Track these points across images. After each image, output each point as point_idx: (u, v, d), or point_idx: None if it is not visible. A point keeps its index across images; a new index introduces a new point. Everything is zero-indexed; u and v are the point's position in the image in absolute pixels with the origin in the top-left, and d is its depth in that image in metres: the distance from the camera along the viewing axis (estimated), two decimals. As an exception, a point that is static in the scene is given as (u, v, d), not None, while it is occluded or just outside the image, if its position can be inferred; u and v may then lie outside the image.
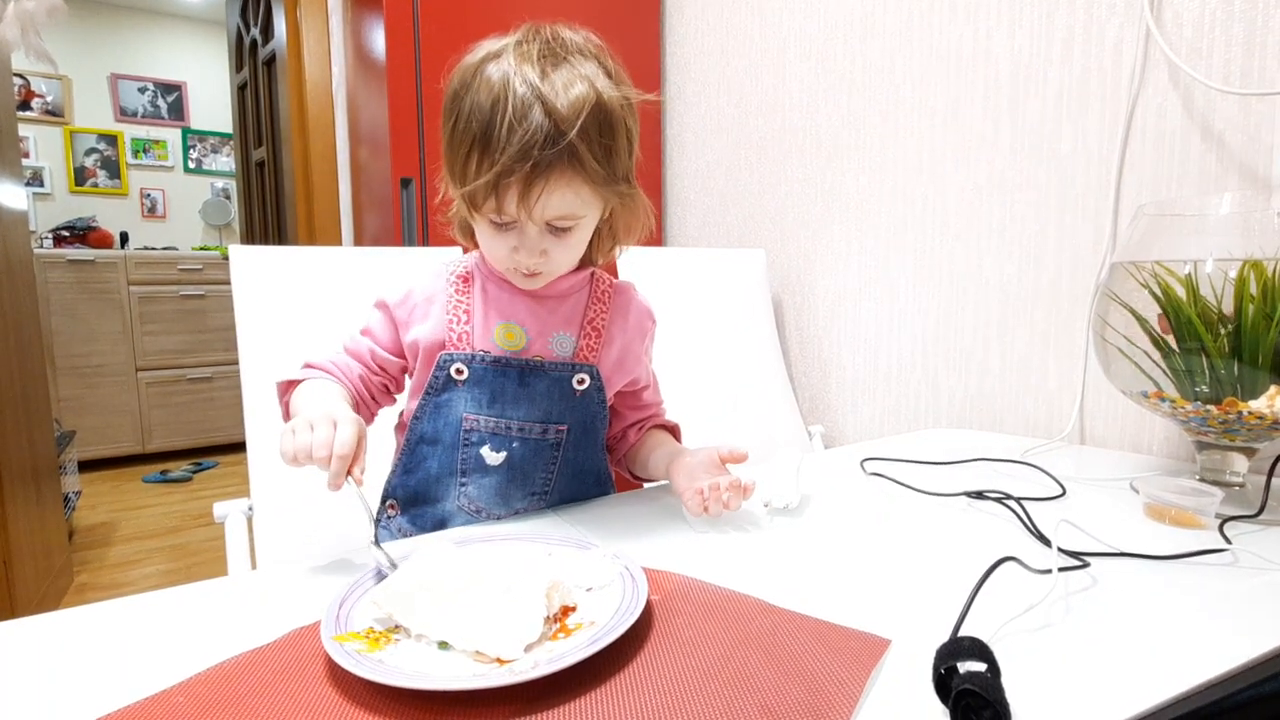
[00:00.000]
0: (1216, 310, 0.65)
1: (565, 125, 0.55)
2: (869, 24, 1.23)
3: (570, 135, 0.55)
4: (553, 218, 0.59)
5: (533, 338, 0.68)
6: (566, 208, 0.59)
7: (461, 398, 0.66)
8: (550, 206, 0.58)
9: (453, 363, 0.66)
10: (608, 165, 0.59)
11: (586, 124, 0.55)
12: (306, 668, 0.39)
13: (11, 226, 1.78)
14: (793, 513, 0.67)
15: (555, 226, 0.60)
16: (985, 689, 0.33)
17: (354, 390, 0.68)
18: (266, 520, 0.84)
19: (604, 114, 0.57)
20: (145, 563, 2.19)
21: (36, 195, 3.64)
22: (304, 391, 0.65)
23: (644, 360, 0.75)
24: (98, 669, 0.41)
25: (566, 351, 0.69)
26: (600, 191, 0.59)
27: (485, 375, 0.66)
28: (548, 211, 0.58)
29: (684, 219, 1.72)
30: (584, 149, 0.56)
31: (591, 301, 0.71)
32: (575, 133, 0.55)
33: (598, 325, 0.70)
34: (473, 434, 0.67)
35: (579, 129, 0.55)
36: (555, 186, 0.57)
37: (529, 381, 0.67)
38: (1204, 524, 0.61)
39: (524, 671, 0.36)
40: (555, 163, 0.55)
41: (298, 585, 0.52)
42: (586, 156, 0.56)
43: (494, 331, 0.67)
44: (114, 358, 3.19)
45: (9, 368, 1.67)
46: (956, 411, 1.14)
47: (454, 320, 0.68)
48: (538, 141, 0.54)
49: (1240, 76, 0.80)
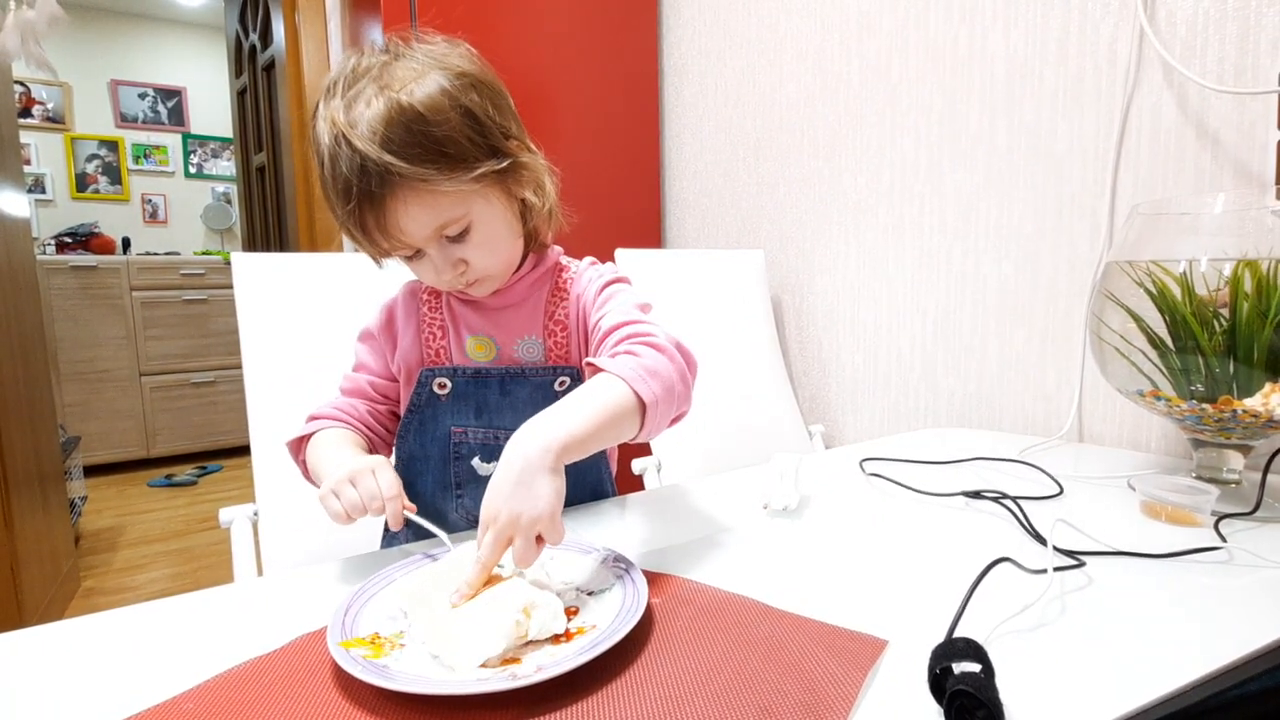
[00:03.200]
0: (1211, 308, 0.66)
1: (369, 151, 0.53)
2: (865, 24, 1.23)
3: (377, 158, 0.53)
4: (432, 231, 0.57)
5: (501, 346, 0.68)
6: (432, 218, 0.57)
7: (447, 411, 0.66)
8: (417, 226, 0.56)
9: (435, 378, 0.66)
10: (443, 160, 0.55)
11: (388, 137, 0.53)
12: (313, 673, 0.40)
13: (14, 233, 1.79)
14: (791, 514, 0.68)
15: (450, 237, 0.59)
16: (979, 689, 0.34)
17: (364, 428, 0.68)
18: (272, 525, 0.85)
19: (405, 119, 0.54)
20: (151, 567, 2.20)
21: (39, 202, 3.65)
22: (319, 445, 0.64)
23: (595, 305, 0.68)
24: (108, 677, 0.41)
25: (536, 355, 0.68)
26: (458, 184, 0.56)
27: (468, 388, 0.66)
28: (420, 229, 0.57)
29: (682, 220, 1.73)
30: (402, 162, 0.53)
31: (552, 296, 0.69)
32: (380, 152, 0.53)
33: (560, 320, 0.68)
34: (462, 446, 0.67)
35: (381, 145, 0.53)
36: (401, 206, 0.55)
37: (510, 390, 0.67)
38: (1200, 521, 0.62)
39: (527, 675, 0.37)
40: (384, 188, 0.54)
41: (303, 592, 0.53)
42: (408, 168, 0.54)
43: (466, 346, 0.67)
44: (118, 363, 3.21)
45: (14, 374, 1.68)
46: (956, 410, 1.14)
47: (430, 337, 0.68)
48: (354, 180, 0.54)
49: (1234, 75, 0.81)
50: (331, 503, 0.54)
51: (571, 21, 1.55)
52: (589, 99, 1.59)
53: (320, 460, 0.62)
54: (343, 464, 0.57)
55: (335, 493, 0.54)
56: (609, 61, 1.62)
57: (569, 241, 0.72)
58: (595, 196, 1.63)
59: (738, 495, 0.73)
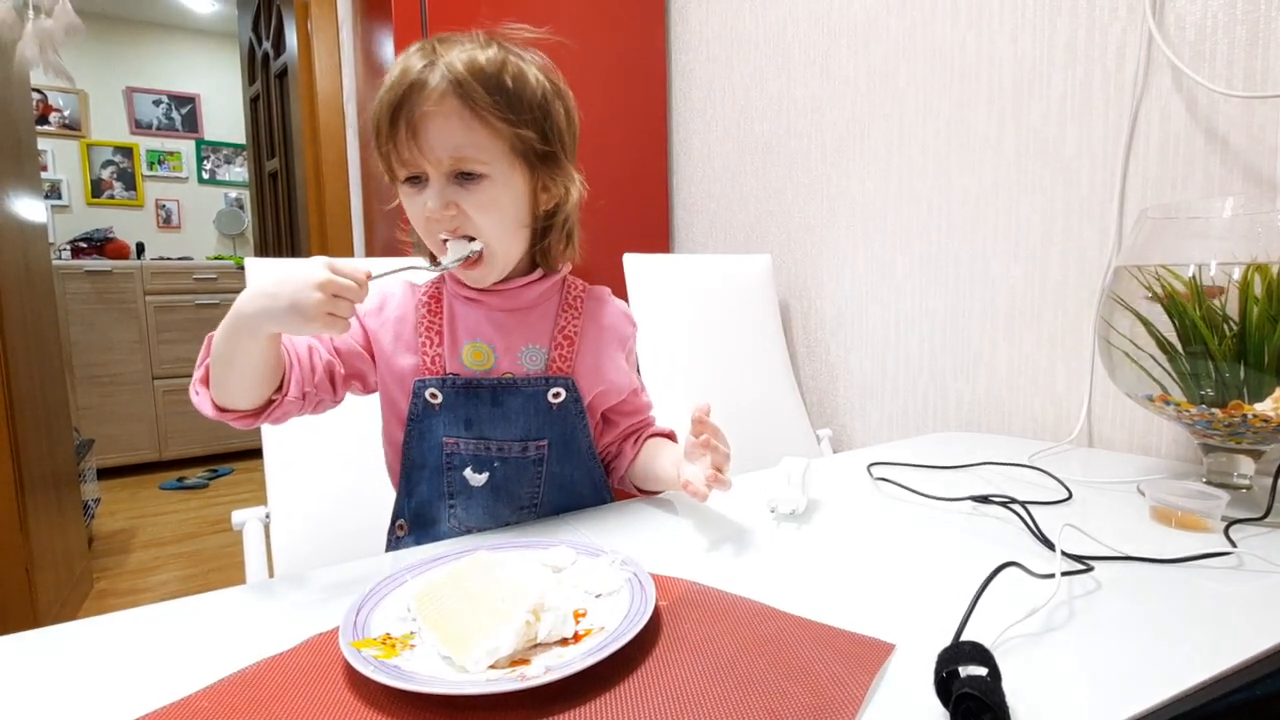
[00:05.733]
0: (1221, 313, 0.65)
1: (452, 70, 0.58)
2: (872, 30, 1.24)
3: (455, 74, 0.58)
4: (447, 154, 0.60)
5: (500, 355, 0.67)
6: (456, 144, 0.59)
7: (439, 422, 0.66)
8: (441, 140, 0.59)
9: (426, 388, 0.66)
10: (503, 106, 0.60)
11: (475, 69, 0.59)
12: (326, 673, 0.41)
13: (32, 239, 1.82)
14: (799, 518, 0.68)
15: (460, 173, 0.61)
16: (985, 693, 0.34)
17: (292, 350, 0.62)
18: (283, 527, 0.85)
19: (496, 67, 0.60)
20: (163, 569, 2.22)
21: (55, 208, 3.70)
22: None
23: (624, 366, 0.74)
24: (122, 676, 0.42)
25: (538, 365, 0.68)
26: (498, 130, 0.60)
27: (459, 399, 0.66)
28: (439, 145, 0.59)
29: (690, 225, 1.73)
30: (470, 84, 0.59)
31: (562, 310, 0.71)
32: (462, 70, 0.58)
33: (569, 334, 0.70)
34: (454, 457, 0.67)
35: (465, 69, 0.59)
36: (443, 117, 0.59)
37: (502, 400, 0.66)
38: (1210, 527, 0.62)
39: (536, 676, 0.37)
40: (442, 99, 0.58)
41: (315, 593, 0.53)
42: (473, 89, 0.59)
43: (462, 352, 0.67)
44: (131, 366, 3.24)
45: (30, 378, 1.71)
46: (964, 414, 1.14)
47: (426, 343, 0.67)
48: (426, 80, 0.58)
49: (1243, 79, 0.80)
50: (322, 284, 0.51)
51: (580, 27, 1.56)
52: (598, 104, 1.60)
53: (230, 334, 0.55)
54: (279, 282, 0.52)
55: (330, 267, 0.52)
56: (617, 67, 1.63)
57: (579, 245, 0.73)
58: (604, 201, 1.62)
59: (745, 499, 0.73)
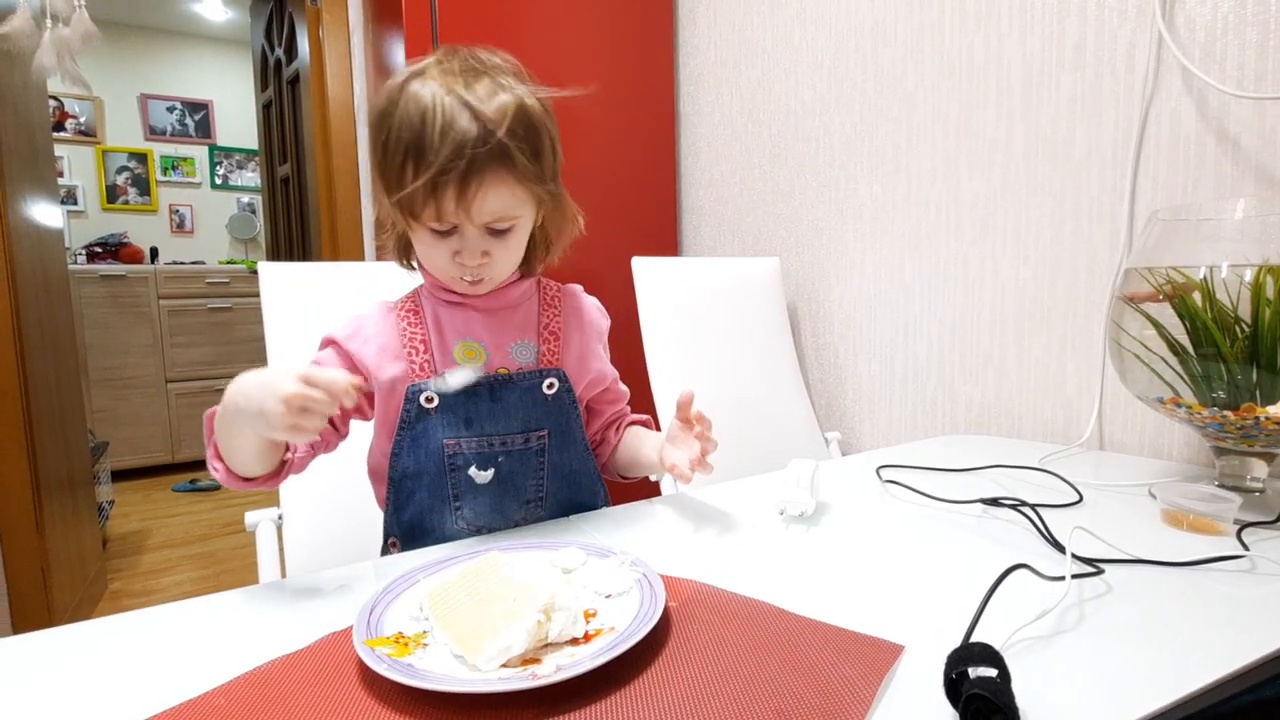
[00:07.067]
0: (1233, 315, 0.65)
1: (493, 126, 0.57)
2: (880, 32, 1.24)
3: (499, 134, 0.57)
4: (491, 218, 0.61)
5: (491, 352, 0.68)
6: (503, 206, 0.60)
7: (438, 425, 0.66)
8: (488, 206, 0.59)
9: (422, 392, 0.66)
10: (537, 164, 0.61)
11: (513, 125, 0.58)
12: (340, 671, 0.41)
13: (49, 244, 1.85)
14: (808, 520, 0.68)
15: (494, 229, 0.62)
16: (995, 694, 0.34)
17: None
18: (295, 528, 0.86)
19: (527, 117, 0.60)
20: (176, 570, 2.24)
21: (71, 213, 3.75)
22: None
23: (604, 356, 0.77)
24: (138, 674, 0.43)
25: (529, 359, 0.70)
26: (533, 190, 0.61)
27: (456, 399, 0.66)
28: (485, 211, 0.60)
29: (698, 228, 1.73)
30: (514, 148, 0.58)
31: (543, 308, 0.73)
32: (504, 133, 0.57)
33: (554, 329, 0.72)
34: (457, 457, 0.67)
35: (506, 129, 0.58)
36: (491, 185, 0.59)
37: (500, 395, 0.67)
38: (1222, 530, 0.61)
39: (547, 675, 0.38)
40: (488, 162, 0.58)
41: (328, 593, 0.54)
42: (517, 155, 0.59)
43: (453, 353, 0.67)
44: (145, 370, 3.28)
45: (46, 381, 1.73)
46: (974, 417, 1.14)
47: (412, 352, 0.67)
48: (469, 141, 0.57)
49: (1254, 80, 0.80)
50: (288, 398, 0.49)
51: (588, 31, 1.57)
52: (606, 108, 1.60)
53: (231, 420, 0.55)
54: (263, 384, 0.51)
55: (302, 379, 0.50)
56: (625, 71, 1.64)
57: (587, 249, 0.74)
58: (612, 204, 1.64)
59: (754, 501, 0.74)
